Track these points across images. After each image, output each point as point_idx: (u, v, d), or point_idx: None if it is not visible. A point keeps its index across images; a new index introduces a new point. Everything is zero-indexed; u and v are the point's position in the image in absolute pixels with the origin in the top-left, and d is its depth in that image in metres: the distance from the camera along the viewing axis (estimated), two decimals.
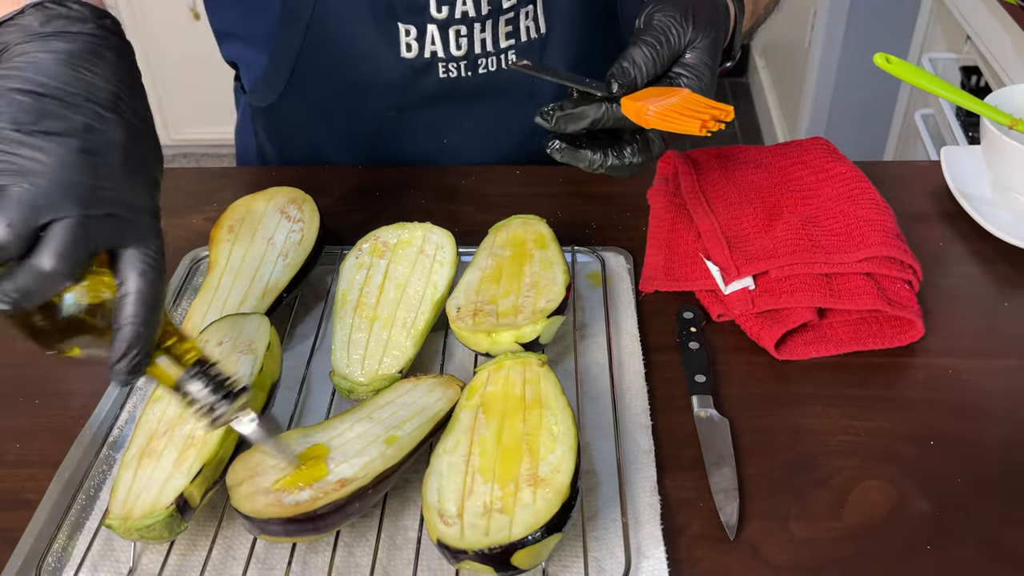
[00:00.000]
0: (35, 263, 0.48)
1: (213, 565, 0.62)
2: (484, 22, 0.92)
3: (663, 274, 0.82)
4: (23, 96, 0.50)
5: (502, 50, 0.95)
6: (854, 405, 0.72)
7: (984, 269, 0.85)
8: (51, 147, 0.49)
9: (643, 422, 0.70)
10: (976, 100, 0.88)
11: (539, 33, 0.95)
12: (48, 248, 0.48)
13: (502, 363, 0.68)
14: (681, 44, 0.71)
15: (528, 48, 0.96)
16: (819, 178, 0.87)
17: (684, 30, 0.71)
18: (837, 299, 0.76)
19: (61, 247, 0.48)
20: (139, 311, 0.51)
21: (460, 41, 0.93)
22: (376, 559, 0.61)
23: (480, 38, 0.93)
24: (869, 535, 0.63)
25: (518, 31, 0.94)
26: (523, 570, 0.57)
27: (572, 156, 0.72)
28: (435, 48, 0.93)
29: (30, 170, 0.48)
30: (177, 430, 0.63)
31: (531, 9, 0.93)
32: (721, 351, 0.77)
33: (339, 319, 0.74)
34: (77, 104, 0.51)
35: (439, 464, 0.61)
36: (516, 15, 0.93)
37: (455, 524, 0.58)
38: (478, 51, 0.94)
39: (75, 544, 0.63)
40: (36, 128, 0.49)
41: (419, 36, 0.92)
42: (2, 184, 0.47)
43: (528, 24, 0.94)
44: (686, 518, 0.64)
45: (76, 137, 0.50)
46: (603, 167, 0.72)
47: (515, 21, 0.93)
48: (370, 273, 0.77)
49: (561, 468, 0.59)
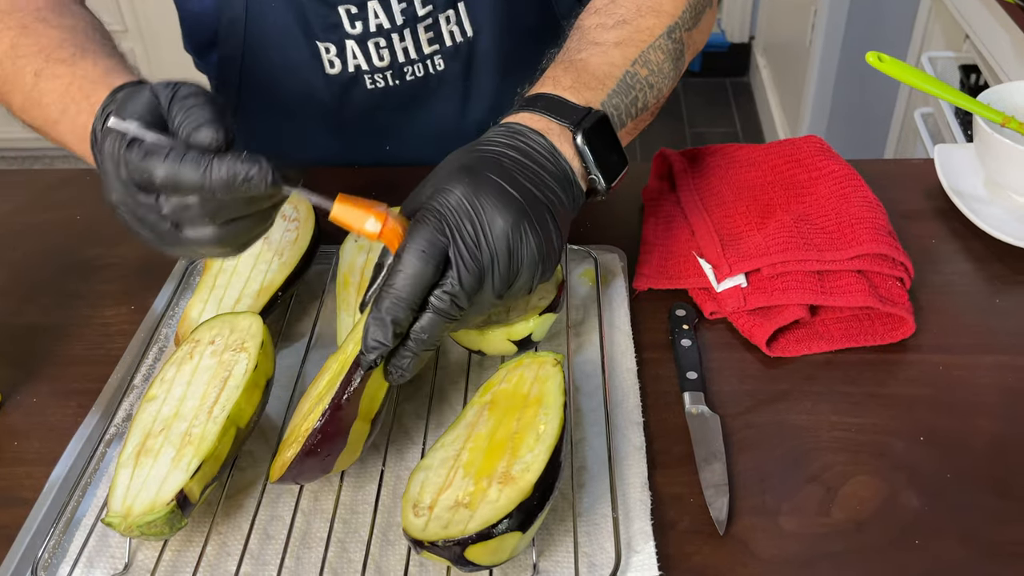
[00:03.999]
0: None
1: (208, 561, 0.62)
2: (401, 31, 0.91)
3: (656, 272, 0.83)
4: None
5: (427, 56, 0.94)
6: (845, 401, 0.72)
7: (976, 266, 0.85)
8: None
9: (635, 418, 0.71)
10: (968, 98, 0.89)
11: (465, 37, 0.94)
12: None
13: (521, 361, 0.68)
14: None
15: (455, 52, 0.95)
16: (812, 176, 0.87)
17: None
18: (829, 296, 0.76)
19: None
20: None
21: (381, 52, 0.92)
22: (368, 554, 0.61)
23: (401, 47, 0.92)
24: (859, 530, 0.63)
25: (441, 37, 0.93)
26: (485, 566, 0.58)
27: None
28: (358, 62, 0.93)
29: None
30: (173, 428, 0.64)
31: (452, 14, 0.92)
32: (713, 348, 0.77)
33: (342, 300, 0.75)
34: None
35: (432, 458, 0.62)
36: (435, 21, 0.92)
37: (423, 515, 0.58)
38: (402, 60, 0.93)
39: (71, 541, 0.64)
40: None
41: (339, 52, 0.92)
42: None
43: (452, 29, 0.93)
44: (677, 513, 0.64)
45: None
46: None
47: (435, 27, 0.92)
48: (370, 256, 0.78)
49: (532, 468, 0.59)
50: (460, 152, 0.64)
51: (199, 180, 0.54)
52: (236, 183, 0.55)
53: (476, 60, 0.96)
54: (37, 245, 0.93)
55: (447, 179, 0.60)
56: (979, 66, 1.70)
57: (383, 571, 0.61)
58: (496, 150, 0.62)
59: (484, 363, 0.76)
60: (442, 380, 0.75)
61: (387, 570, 0.61)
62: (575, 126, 0.65)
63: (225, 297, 0.77)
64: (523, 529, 0.57)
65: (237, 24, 0.93)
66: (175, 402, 0.65)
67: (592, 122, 0.65)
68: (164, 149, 0.55)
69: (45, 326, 0.83)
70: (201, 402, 0.65)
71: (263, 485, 0.67)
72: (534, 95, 0.68)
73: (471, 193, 0.59)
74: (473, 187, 0.59)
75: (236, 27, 0.93)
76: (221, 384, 0.66)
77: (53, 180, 1.04)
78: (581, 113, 0.66)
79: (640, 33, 0.74)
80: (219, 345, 0.68)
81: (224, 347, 0.68)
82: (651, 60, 0.74)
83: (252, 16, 0.92)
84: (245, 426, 0.65)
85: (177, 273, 0.85)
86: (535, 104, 0.67)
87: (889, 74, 0.88)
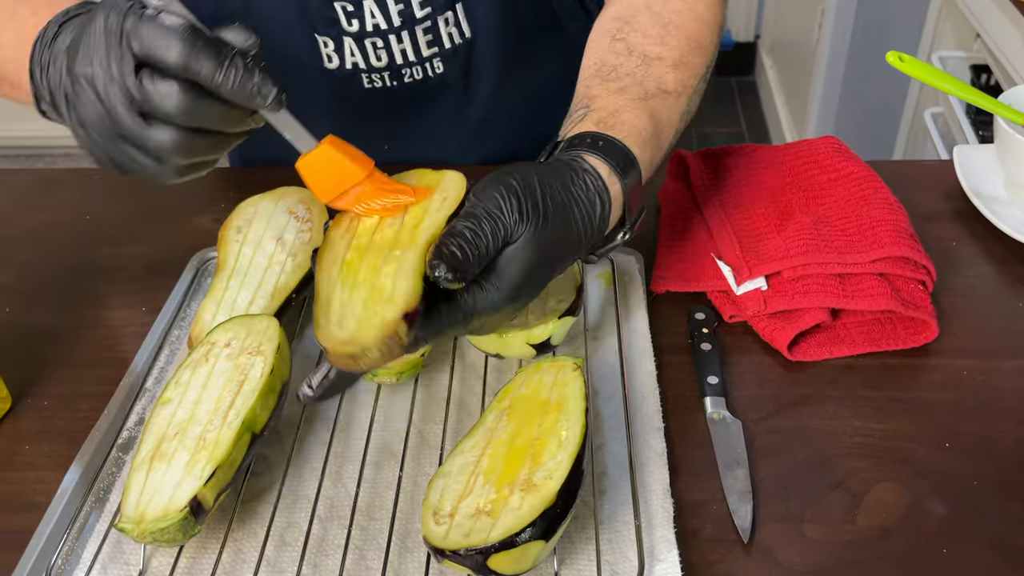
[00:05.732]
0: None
1: (223, 568, 0.62)
2: (399, 33, 0.90)
3: (675, 275, 0.82)
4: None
5: (426, 58, 0.93)
6: (868, 406, 0.71)
7: (998, 269, 0.84)
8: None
9: (655, 424, 0.70)
10: (990, 98, 0.88)
11: (464, 39, 0.93)
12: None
13: (539, 366, 0.67)
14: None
15: (454, 54, 0.93)
16: (831, 178, 0.86)
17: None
18: (850, 300, 0.75)
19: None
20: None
21: (379, 52, 0.91)
22: (387, 562, 0.60)
23: (399, 48, 0.91)
24: (884, 537, 0.62)
25: (440, 39, 0.92)
26: (507, 575, 0.57)
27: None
28: (355, 60, 0.92)
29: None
30: (188, 433, 0.63)
31: (450, 16, 0.91)
32: (733, 352, 0.76)
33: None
34: None
35: (451, 464, 0.61)
36: (434, 23, 0.90)
37: (444, 523, 0.57)
38: (400, 61, 0.92)
39: (84, 547, 0.63)
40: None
41: (337, 48, 0.91)
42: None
43: (450, 31, 0.92)
44: (700, 521, 0.64)
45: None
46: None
47: (434, 29, 0.91)
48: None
49: (554, 475, 0.58)
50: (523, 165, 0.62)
51: (213, 69, 0.53)
52: (248, 88, 0.54)
53: (475, 62, 0.95)
54: (45, 246, 0.92)
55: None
56: (990, 66, 1.69)
57: None
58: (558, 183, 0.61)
59: (501, 367, 0.75)
60: (459, 385, 0.74)
61: None
62: (625, 185, 0.64)
63: (238, 299, 0.76)
64: (546, 537, 0.56)
65: (237, 14, 0.91)
66: (190, 405, 0.65)
67: (633, 185, 0.65)
68: (185, 29, 0.53)
69: (54, 328, 0.82)
70: (216, 406, 0.64)
71: (279, 491, 0.66)
72: (612, 140, 0.64)
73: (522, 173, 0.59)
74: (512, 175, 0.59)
75: (236, 17, 0.92)
76: (236, 388, 0.65)
77: (61, 179, 1.03)
78: (638, 174, 0.65)
79: (691, 79, 0.74)
80: (235, 348, 0.67)
81: (240, 350, 0.67)
82: (691, 109, 0.74)
83: (252, 6, 0.90)
84: (260, 431, 0.64)
85: (188, 274, 0.84)
86: (609, 152, 0.64)
87: (910, 74, 0.87)
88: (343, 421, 0.71)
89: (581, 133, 0.65)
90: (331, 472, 0.68)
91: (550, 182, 0.59)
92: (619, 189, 0.63)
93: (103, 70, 0.55)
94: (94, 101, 0.56)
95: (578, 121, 0.67)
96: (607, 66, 0.72)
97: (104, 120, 0.56)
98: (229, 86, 0.53)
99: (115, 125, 0.56)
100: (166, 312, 0.81)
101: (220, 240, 0.81)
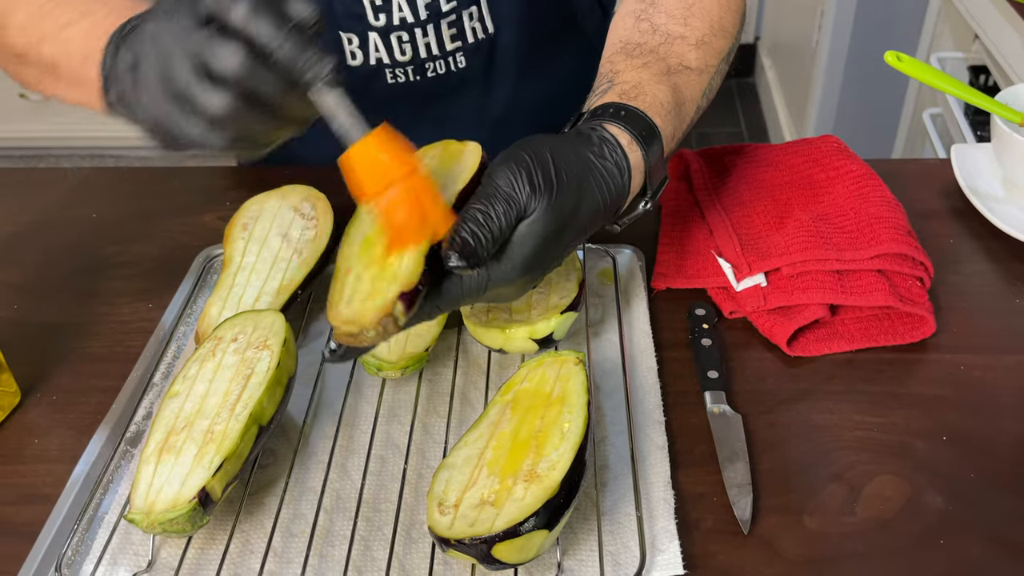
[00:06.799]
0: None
1: (231, 559, 0.62)
2: (425, 26, 0.91)
3: (675, 271, 0.83)
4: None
5: (449, 52, 0.94)
6: (866, 401, 0.72)
7: (995, 266, 0.85)
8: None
9: (656, 418, 0.71)
10: (987, 98, 0.89)
11: (487, 34, 0.94)
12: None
13: (542, 360, 0.68)
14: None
15: (476, 49, 0.94)
16: (830, 176, 0.87)
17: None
18: (849, 296, 0.76)
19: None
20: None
21: (403, 47, 0.92)
22: (393, 553, 0.61)
23: (424, 42, 0.92)
24: (883, 530, 0.63)
25: (463, 33, 0.93)
26: (511, 564, 0.58)
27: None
28: (379, 55, 0.93)
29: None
30: (196, 425, 0.64)
31: (475, 10, 0.92)
32: (733, 348, 0.77)
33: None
34: None
35: (455, 456, 0.62)
36: (459, 17, 0.92)
37: (449, 514, 0.58)
38: (424, 55, 0.93)
39: (94, 538, 0.64)
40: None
41: (362, 44, 0.92)
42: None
43: (474, 25, 0.93)
44: (700, 513, 0.64)
45: None
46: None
47: (458, 23, 0.92)
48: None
49: (557, 466, 0.59)
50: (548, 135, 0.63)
51: (273, 32, 0.52)
52: (304, 57, 0.53)
53: (497, 57, 0.96)
54: (53, 243, 0.93)
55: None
56: (988, 67, 1.70)
57: (407, 569, 0.61)
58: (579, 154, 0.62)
59: (504, 362, 0.76)
60: (463, 379, 0.75)
61: (411, 568, 0.61)
62: (647, 155, 0.65)
63: (244, 295, 0.77)
64: (549, 527, 0.57)
65: None
66: (198, 399, 0.65)
67: (656, 157, 0.66)
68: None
69: (63, 324, 0.83)
70: (223, 399, 0.65)
71: (285, 483, 0.67)
72: (634, 111, 0.66)
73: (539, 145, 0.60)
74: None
75: None
76: (244, 381, 0.66)
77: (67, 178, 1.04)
78: (660, 144, 0.66)
79: (713, 58, 0.76)
80: (242, 342, 0.68)
81: (247, 344, 0.68)
82: (713, 88, 0.76)
83: None
84: (267, 424, 0.65)
85: (195, 271, 0.85)
86: (631, 122, 0.65)
87: (908, 73, 0.88)
88: (348, 415, 0.72)
89: (604, 104, 0.67)
90: (337, 464, 0.69)
91: (564, 152, 0.60)
92: (639, 157, 0.64)
93: (171, 23, 0.55)
94: (156, 55, 0.55)
95: (602, 95, 0.69)
96: (631, 44, 0.74)
97: (163, 76, 0.55)
98: (287, 52, 0.53)
99: (174, 81, 0.55)
100: (173, 308, 0.82)
101: (226, 237, 0.82)
